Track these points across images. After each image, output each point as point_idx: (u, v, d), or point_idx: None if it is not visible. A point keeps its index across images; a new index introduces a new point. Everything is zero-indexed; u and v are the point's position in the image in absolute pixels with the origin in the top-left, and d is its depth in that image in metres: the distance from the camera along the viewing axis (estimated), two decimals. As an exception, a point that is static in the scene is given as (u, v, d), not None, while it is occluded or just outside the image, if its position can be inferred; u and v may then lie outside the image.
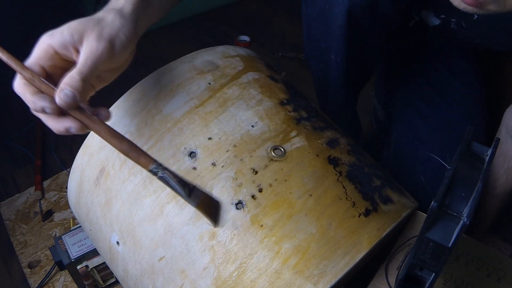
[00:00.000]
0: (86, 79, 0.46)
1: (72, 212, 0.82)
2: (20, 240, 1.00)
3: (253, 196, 0.51)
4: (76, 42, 0.46)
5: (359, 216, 0.52)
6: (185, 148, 0.54)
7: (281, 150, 0.54)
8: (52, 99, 0.45)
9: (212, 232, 0.51)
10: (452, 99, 0.81)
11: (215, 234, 0.51)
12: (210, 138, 0.55)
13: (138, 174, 0.55)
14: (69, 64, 0.48)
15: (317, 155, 0.56)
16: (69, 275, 0.83)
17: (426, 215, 0.41)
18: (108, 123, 0.46)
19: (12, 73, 0.46)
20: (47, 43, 0.46)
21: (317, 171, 0.54)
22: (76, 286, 0.85)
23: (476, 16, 0.57)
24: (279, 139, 0.55)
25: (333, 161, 0.56)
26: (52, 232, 1.01)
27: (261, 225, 0.50)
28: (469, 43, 0.81)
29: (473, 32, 0.76)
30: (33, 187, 1.11)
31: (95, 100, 0.51)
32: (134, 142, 0.55)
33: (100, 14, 0.49)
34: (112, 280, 0.85)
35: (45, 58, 0.47)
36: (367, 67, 0.82)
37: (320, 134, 0.58)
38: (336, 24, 0.69)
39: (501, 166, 0.73)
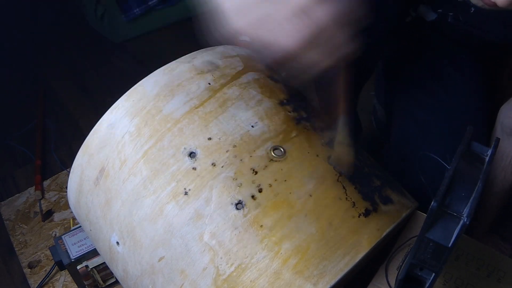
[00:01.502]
0: None
1: (72, 212, 0.82)
2: (20, 240, 1.00)
3: (253, 197, 0.51)
4: None
5: (359, 217, 0.52)
6: (185, 148, 0.54)
7: (281, 150, 0.54)
8: None
9: (212, 232, 0.51)
10: (453, 90, 0.82)
11: (215, 234, 0.51)
12: (210, 138, 0.55)
13: (138, 174, 0.55)
14: None
15: (317, 155, 0.55)
16: (69, 275, 0.83)
17: (426, 215, 0.41)
18: (108, 122, 0.46)
19: (11, 73, 0.46)
20: None
21: (317, 171, 0.54)
22: (76, 286, 0.85)
23: (473, 9, 0.57)
24: (279, 139, 0.55)
25: (333, 161, 0.56)
26: (52, 232, 1.01)
27: (261, 226, 0.50)
28: (467, 36, 0.82)
29: (470, 25, 0.76)
30: (33, 187, 1.11)
31: (95, 99, 0.51)
32: (134, 142, 0.56)
33: None
34: (112, 280, 0.85)
35: None
36: (367, 63, 0.82)
37: (320, 134, 0.58)
38: None
39: (498, 164, 0.73)
